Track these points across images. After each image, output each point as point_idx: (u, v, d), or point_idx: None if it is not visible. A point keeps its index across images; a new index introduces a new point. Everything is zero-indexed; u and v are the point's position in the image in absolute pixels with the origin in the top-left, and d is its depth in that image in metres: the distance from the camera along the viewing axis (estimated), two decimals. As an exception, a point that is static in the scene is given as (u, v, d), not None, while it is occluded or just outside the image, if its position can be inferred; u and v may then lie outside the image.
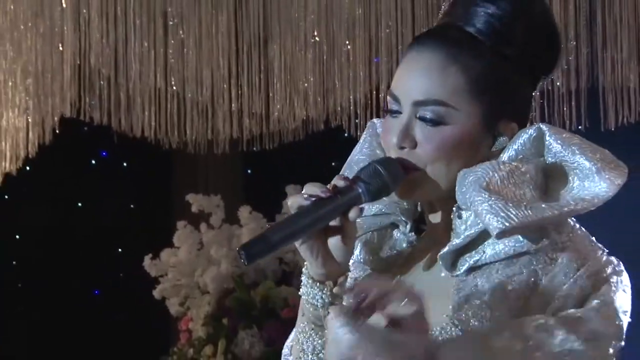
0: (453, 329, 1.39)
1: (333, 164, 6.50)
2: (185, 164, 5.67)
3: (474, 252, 1.41)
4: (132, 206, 6.25)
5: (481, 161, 1.44)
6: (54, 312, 5.93)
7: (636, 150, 1.54)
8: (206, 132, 4.73)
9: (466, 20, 1.45)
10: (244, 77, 4.59)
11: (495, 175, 1.39)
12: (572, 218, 1.45)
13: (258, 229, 4.57)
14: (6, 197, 5.52)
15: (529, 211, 1.36)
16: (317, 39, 4.41)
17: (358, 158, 1.54)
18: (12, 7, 4.35)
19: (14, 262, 6.18)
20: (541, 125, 1.46)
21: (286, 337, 1.61)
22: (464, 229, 1.42)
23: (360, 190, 1.40)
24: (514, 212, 1.35)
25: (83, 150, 5.95)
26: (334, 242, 1.41)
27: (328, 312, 1.40)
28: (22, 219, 6.07)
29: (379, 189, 1.41)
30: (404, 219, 1.52)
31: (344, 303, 1.40)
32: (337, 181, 1.42)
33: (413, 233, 1.53)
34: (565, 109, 4.17)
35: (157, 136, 4.69)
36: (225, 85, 4.59)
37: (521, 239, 1.39)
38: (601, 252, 1.44)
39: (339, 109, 4.55)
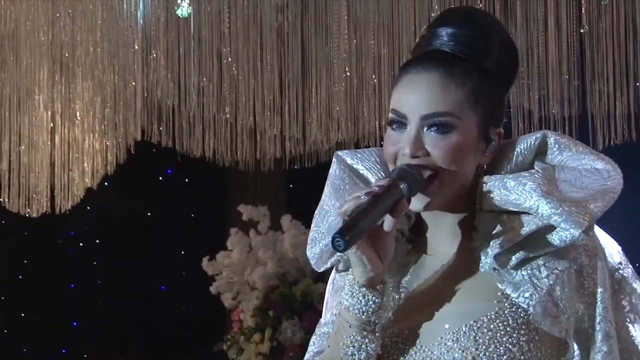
0: (508, 312, 1.34)
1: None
2: (236, 179, 5.67)
3: (520, 248, 1.34)
4: (192, 215, 6.27)
5: (477, 166, 1.40)
6: (127, 305, 5.94)
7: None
8: (254, 152, 4.72)
9: (448, 44, 1.40)
10: (286, 107, 4.58)
11: (545, 182, 1.34)
12: None
13: (298, 235, 4.56)
14: (88, 207, 5.56)
15: (588, 209, 1.33)
16: (348, 74, 4.40)
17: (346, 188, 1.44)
18: (92, 49, 4.39)
19: (94, 263, 6.22)
20: (547, 132, 1.43)
21: None
22: (496, 229, 1.35)
23: (402, 188, 1.33)
24: (582, 213, 1.32)
25: (152, 168, 5.97)
26: (385, 244, 1.34)
27: (380, 317, 1.33)
28: (101, 227, 6.11)
29: (414, 186, 1.34)
30: (405, 228, 1.44)
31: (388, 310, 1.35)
32: (381, 182, 1.33)
33: (408, 243, 1.44)
34: (559, 132, 4.13)
35: (213, 156, 4.70)
36: (270, 113, 4.58)
37: (575, 233, 1.33)
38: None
39: (367, 133, 4.53)
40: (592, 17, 4.10)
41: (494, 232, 1.37)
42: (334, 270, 1.49)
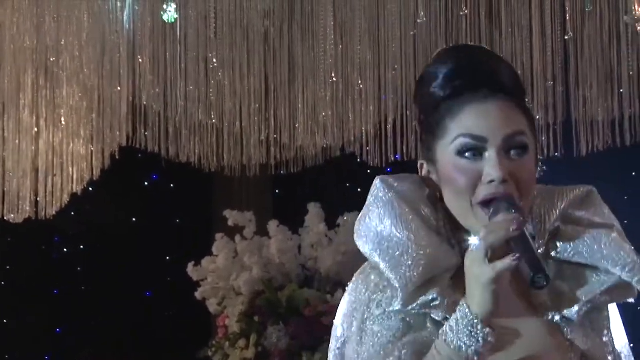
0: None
1: (347, 184, 6.50)
2: (222, 185, 5.68)
3: (589, 302, 1.37)
4: (178, 221, 6.26)
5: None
6: (112, 311, 5.93)
7: (603, 173, 1.55)
8: (240, 158, 4.74)
9: (493, 79, 1.39)
10: (272, 112, 4.60)
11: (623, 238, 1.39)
12: None
13: (285, 240, 4.57)
14: (72, 213, 5.55)
15: None
16: (334, 79, 4.42)
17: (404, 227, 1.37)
18: (78, 53, 4.39)
19: (78, 269, 6.20)
20: (593, 188, 1.44)
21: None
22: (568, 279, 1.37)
23: (529, 228, 1.33)
24: None
25: (137, 174, 5.97)
26: (505, 283, 1.32)
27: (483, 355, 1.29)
28: (85, 232, 6.09)
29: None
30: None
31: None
32: (516, 222, 1.28)
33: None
34: (544, 139, 4.18)
35: (199, 162, 4.71)
36: (256, 119, 4.60)
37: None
38: None
39: (353, 138, 4.56)
40: (576, 23, 4.15)
41: (562, 283, 1.37)
42: (351, 294, 1.41)
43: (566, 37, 4.11)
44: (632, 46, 4.12)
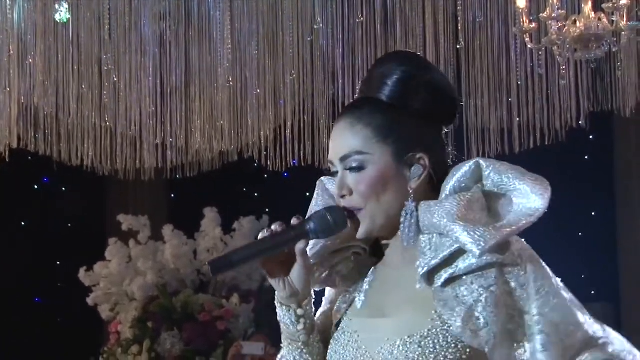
0: (439, 330, 1.46)
1: (244, 189, 6.53)
2: (116, 188, 5.62)
3: (448, 267, 1.46)
4: (69, 225, 6.17)
5: (407, 189, 1.52)
6: (-1, 318, 5.80)
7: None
8: (135, 161, 4.71)
9: (379, 90, 1.55)
10: (167, 115, 4.59)
11: (461, 207, 1.47)
12: None
13: (180, 245, 4.57)
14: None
15: (496, 231, 1.45)
16: (231, 83, 4.45)
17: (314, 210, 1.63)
18: (-36, 52, 4.28)
19: (-37, 274, 6.03)
20: (479, 160, 1.55)
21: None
22: (429, 249, 1.49)
23: (308, 228, 1.52)
24: (487, 235, 1.44)
25: (28, 176, 5.85)
26: (294, 272, 1.52)
27: (298, 330, 1.54)
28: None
29: (323, 229, 1.52)
30: (363, 246, 1.60)
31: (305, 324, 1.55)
32: (293, 220, 1.52)
33: (374, 257, 1.60)
34: (437, 145, 4.31)
35: (92, 165, 4.66)
36: (151, 122, 4.58)
37: (489, 254, 1.46)
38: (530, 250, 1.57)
39: (250, 143, 4.60)
40: (467, 33, 4.30)
41: (428, 252, 1.50)
42: None
43: (458, 47, 4.25)
44: (520, 56, 4.30)
